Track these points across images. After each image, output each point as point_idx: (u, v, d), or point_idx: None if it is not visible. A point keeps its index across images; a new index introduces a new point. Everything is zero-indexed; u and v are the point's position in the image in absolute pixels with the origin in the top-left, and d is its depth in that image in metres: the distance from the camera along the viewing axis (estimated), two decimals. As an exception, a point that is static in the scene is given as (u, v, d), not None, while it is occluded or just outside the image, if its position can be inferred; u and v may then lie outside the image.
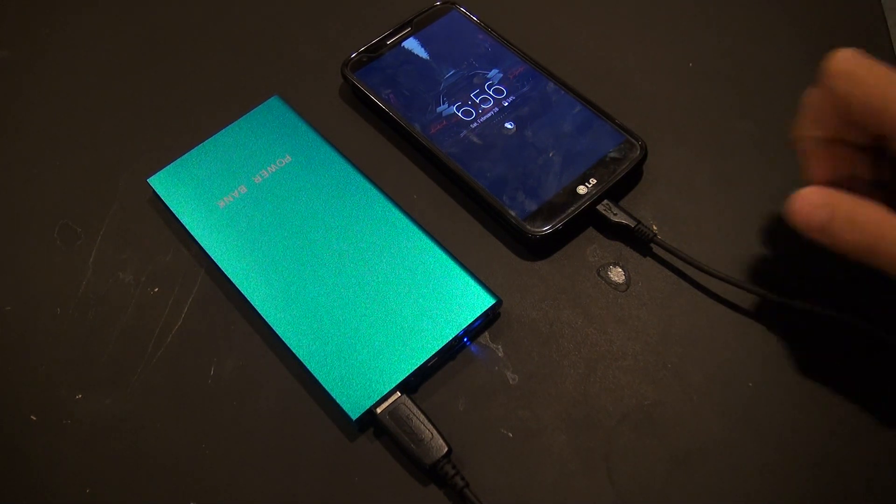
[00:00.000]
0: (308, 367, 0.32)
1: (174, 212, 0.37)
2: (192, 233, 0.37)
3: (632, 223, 0.36)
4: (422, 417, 0.31)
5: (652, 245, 0.36)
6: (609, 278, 0.36)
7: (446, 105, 0.40)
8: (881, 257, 0.28)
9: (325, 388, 0.32)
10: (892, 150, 0.29)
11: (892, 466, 0.31)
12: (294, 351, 0.33)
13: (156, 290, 0.36)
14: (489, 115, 0.40)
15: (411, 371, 0.32)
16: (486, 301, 0.34)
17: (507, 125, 0.39)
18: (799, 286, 0.34)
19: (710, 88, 0.41)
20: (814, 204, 0.30)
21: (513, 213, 0.36)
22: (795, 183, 0.38)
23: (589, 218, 0.37)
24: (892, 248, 0.28)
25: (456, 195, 0.39)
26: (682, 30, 0.44)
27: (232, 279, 0.35)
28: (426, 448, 0.30)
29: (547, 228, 0.35)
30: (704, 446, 0.32)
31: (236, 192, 0.38)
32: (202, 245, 0.36)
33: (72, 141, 0.42)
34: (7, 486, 0.32)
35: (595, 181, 0.37)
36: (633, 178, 0.38)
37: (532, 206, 0.36)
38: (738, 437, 0.32)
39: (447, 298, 0.34)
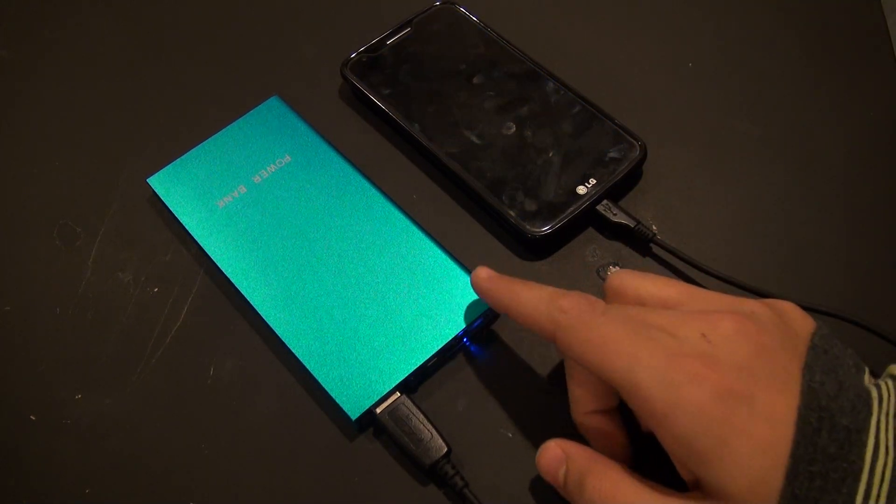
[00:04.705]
0: (308, 367, 0.32)
1: (174, 212, 0.37)
2: (192, 233, 0.37)
3: (631, 223, 0.36)
4: (421, 417, 0.31)
5: (652, 245, 0.36)
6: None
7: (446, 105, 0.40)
8: None
9: (325, 388, 0.32)
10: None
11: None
12: (294, 351, 0.33)
13: (155, 290, 0.36)
14: (489, 114, 0.39)
15: (411, 371, 0.32)
16: (486, 301, 0.34)
17: (507, 125, 0.39)
18: (799, 286, 0.34)
19: (710, 88, 0.41)
20: (554, 457, 0.28)
21: (512, 213, 0.36)
22: (795, 182, 0.38)
23: (588, 218, 0.37)
24: None
25: (456, 195, 0.39)
26: (682, 30, 0.44)
27: (231, 279, 0.35)
28: (426, 448, 0.30)
29: (546, 228, 0.35)
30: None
31: (236, 192, 0.38)
32: (201, 245, 0.36)
33: (72, 141, 0.42)
34: (7, 486, 0.32)
35: (595, 181, 0.37)
36: (632, 178, 0.38)
37: (531, 206, 0.36)
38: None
39: (447, 298, 0.34)
